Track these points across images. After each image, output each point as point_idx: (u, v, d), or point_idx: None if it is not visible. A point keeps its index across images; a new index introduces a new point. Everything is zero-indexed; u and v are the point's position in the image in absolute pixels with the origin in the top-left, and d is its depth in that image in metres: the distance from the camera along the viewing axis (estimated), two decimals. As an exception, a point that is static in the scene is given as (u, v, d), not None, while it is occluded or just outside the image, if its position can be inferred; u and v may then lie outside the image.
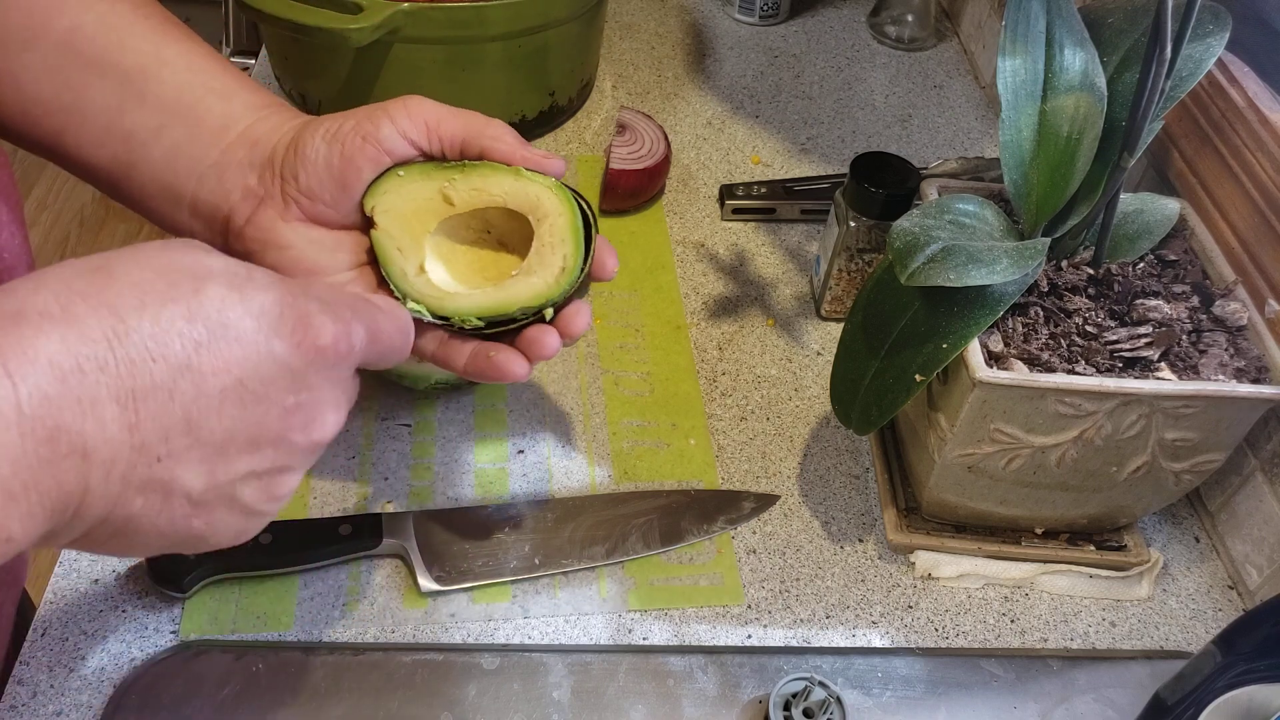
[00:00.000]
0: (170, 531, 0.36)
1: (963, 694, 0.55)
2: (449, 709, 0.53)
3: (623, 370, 0.70)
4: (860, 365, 0.55)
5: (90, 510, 0.33)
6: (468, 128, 0.50)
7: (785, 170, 0.88)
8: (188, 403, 0.34)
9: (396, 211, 0.50)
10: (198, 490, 0.36)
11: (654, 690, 0.54)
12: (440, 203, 0.50)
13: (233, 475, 0.36)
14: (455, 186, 0.50)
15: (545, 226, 0.50)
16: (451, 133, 0.50)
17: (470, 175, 0.50)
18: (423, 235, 0.50)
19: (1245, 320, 0.54)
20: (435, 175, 0.50)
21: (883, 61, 1.02)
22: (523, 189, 0.50)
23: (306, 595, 0.57)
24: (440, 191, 0.50)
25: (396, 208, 0.50)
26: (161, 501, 0.35)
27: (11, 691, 0.52)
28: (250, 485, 0.37)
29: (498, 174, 0.50)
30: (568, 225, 0.50)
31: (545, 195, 0.50)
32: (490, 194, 0.50)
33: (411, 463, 0.64)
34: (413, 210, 0.50)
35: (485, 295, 0.49)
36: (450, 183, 0.50)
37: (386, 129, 0.49)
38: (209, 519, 0.37)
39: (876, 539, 0.62)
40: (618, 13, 1.06)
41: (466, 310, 0.49)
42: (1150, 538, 0.63)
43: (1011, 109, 0.55)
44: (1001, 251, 0.50)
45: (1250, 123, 0.62)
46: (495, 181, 0.50)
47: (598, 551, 0.59)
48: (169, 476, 0.34)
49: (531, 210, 0.50)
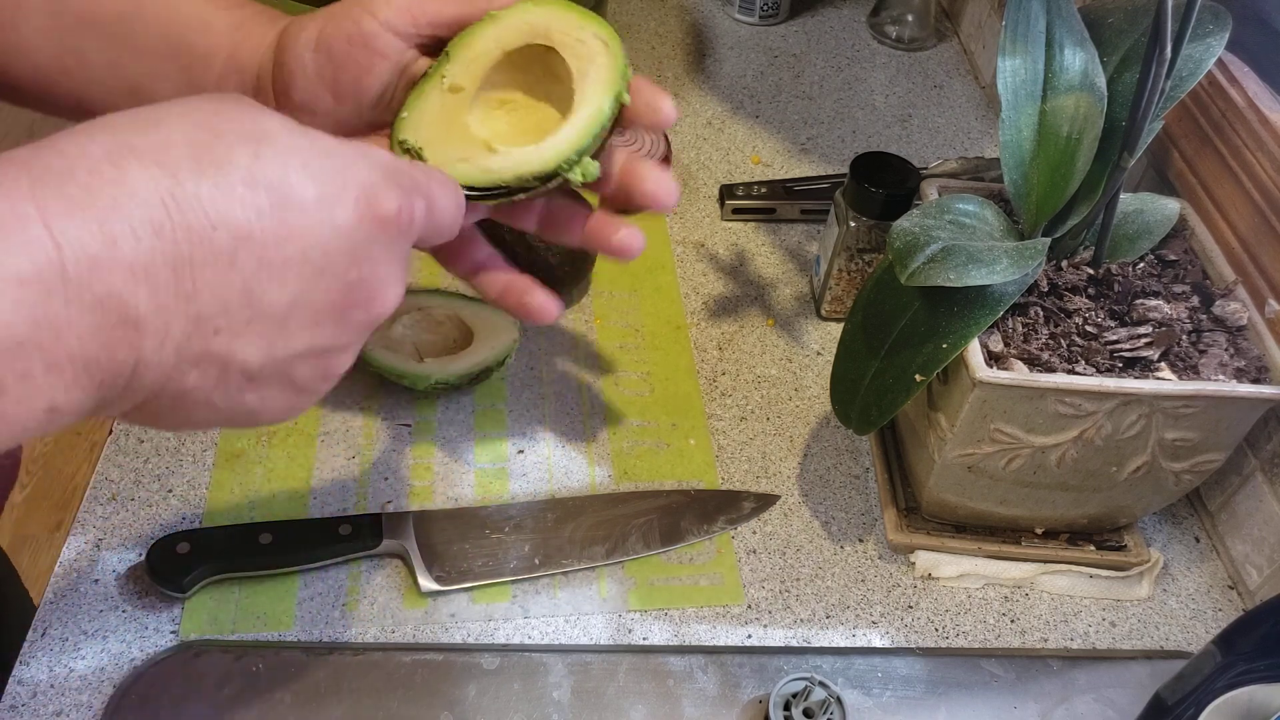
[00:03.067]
0: (223, 407, 0.35)
1: (963, 694, 0.55)
2: (449, 709, 0.53)
3: (623, 370, 0.70)
4: (860, 365, 0.55)
5: (141, 383, 0.32)
6: (459, 4, 0.46)
7: (785, 170, 0.88)
8: (248, 274, 0.32)
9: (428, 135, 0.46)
10: (255, 365, 0.34)
11: (654, 690, 0.54)
12: (453, 97, 0.46)
13: (291, 352, 0.35)
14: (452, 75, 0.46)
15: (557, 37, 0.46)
16: (437, 13, 0.46)
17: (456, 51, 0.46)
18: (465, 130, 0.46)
19: (1245, 320, 0.54)
20: (429, 84, 0.46)
21: (883, 61, 1.02)
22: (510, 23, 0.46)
23: (306, 595, 0.57)
24: (446, 88, 0.46)
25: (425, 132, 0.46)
26: (218, 376, 0.33)
27: (11, 691, 0.52)
28: (307, 363, 0.36)
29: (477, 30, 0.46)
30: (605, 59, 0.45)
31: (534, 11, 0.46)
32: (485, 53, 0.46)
33: (411, 463, 0.64)
34: (439, 121, 0.46)
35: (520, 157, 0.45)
36: (444, 77, 0.46)
37: (369, 25, 0.45)
38: (262, 394, 0.36)
39: (876, 539, 0.62)
40: (618, 13, 1.06)
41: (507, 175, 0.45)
42: (1150, 538, 0.63)
43: (1011, 109, 0.55)
44: (1001, 251, 0.50)
45: (1250, 123, 0.62)
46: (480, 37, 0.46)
47: (598, 551, 0.59)
48: (226, 350, 0.33)
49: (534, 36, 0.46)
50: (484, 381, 0.67)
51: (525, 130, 0.47)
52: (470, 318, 0.68)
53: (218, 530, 0.58)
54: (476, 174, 0.45)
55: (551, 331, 0.72)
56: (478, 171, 0.45)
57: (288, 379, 0.36)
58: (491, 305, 0.52)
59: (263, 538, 0.56)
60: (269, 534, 0.57)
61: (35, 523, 1.62)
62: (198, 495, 0.61)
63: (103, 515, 0.59)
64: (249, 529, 0.57)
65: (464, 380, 0.65)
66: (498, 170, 0.45)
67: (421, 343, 0.67)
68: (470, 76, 0.46)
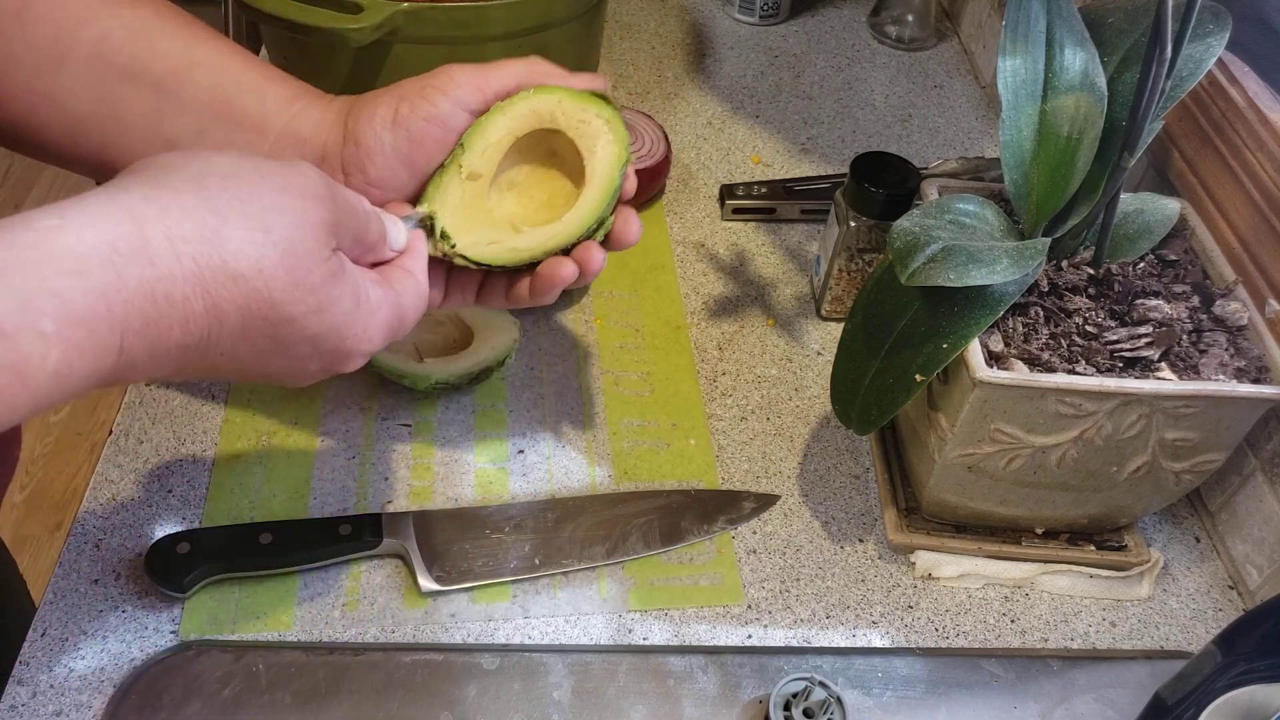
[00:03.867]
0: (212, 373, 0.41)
1: (963, 694, 0.55)
2: (449, 709, 0.53)
3: (623, 370, 0.70)
4: (860, 365, 0.55)
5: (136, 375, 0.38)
6: (518, 76, 0.51)
7: (785, 170, 0.88)
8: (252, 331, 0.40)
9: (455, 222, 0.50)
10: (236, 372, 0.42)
11: (654, 690, 0.54)
12: (473, 184, 0.50)
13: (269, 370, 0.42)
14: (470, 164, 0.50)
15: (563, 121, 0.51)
16: (501, 86, 0.51)
17: (471, 142, 0.50)
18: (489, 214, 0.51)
19: (1245, 320, 0.54)
20: (448, 174, 0.50)
21: (883, 61, 1.02)
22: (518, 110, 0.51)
23: (306, 595, 0.57)
24: (465, 177, 0.50)
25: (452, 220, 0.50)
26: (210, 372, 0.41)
27: (11, 691, 0.52)
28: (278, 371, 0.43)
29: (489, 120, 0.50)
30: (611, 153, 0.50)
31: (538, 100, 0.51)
32: (498, 141, 0.51)
33: (411, 463, 0.64)
34: (463, 207, 0.50)
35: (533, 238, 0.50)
36: (461, 167, 0.50)
37: (444, 105, 0.50)
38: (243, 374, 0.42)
39: (876, 539, 0.62)
40: (618, 13, 1.06)
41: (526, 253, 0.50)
42: (1150, 538, 0.63)
43: (1011, 109, 0.55)
44: (1001, 251, 0.50)
45: (1250, 123, 0.62)
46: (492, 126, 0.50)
47: (598, 551, 0.59)
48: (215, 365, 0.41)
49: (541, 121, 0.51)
50: (484, 381, 0.67)
51: (538, 205, 0.53)
52: (470, 318, 0.68)
53: (218, 530, 0.58)
54: (506, 255, 0.50)
55: (551, 331, 0.72)
56: (507, 252, 0.50)
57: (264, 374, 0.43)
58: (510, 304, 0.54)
59: (263, 538, 0.56)
60: (269, 534, 0.56)
61: (35, 523, 1.62)
62: (198, 495, 0.61)
63: (103, 515, 0.59)
64: (249, 529, 0.57)
65: (464, 380, 0.65)
66: (526, 248, 0.50)
67: (422, 343, 0.67)
68: (487, 164, 0.50)
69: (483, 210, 0.51)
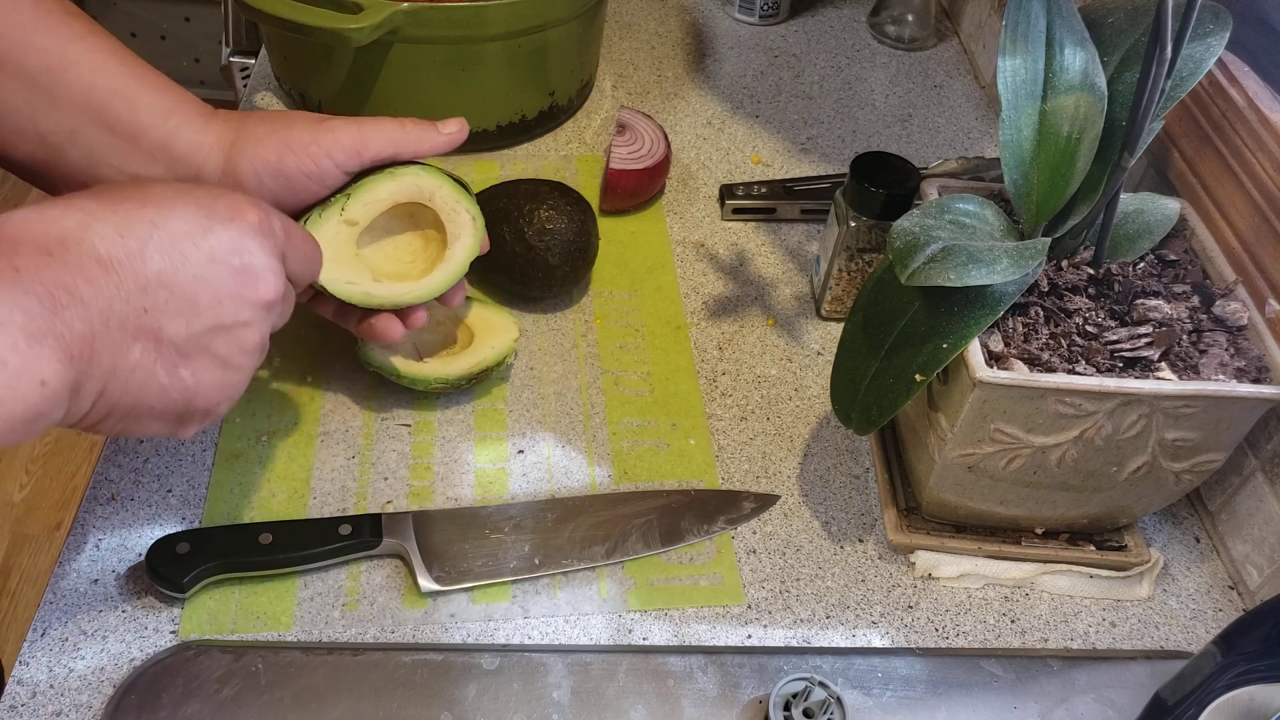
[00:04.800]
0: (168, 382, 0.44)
1: (963, 694, 0.55)
2: (449, 709, 0.53)
3: (623, 370, 0.70)
4: (860, 365, 0.55)
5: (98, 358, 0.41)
6: (394, 144, 0.58)
7: (785, 170, 0.88)
8: (157, 265, 0.43)
9: (325, 259, 0.56)
10: (183, 337, 0.44)
11: (654, 690, 0.54)
12: (348, 228, 0.59)
13: (206, 324, 0.45)
14: (350, 211, 0.58)
15: (438, 203, 0.60)
16: (377, 153, 0.58)
17: (358, 193, 0.58)
18: (354, 258, 0.59)
19: (1245, 320, 0.54)
20: (330, 211, 0.58)
21: (883, 61, 1.02)
22: (401, 185, 0.59)
23: (306, 595, 0.57)
24: (342, 220, 0.58)
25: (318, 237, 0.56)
26: (155, 347, 0.43)
27: (11, 691, 0.52)
28: (220, 337, 0.46)
29: (378, 181, 0.59)
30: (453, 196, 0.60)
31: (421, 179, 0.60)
32: (379, 200, 0.59)
33: (411, 463, 0.63)
34: (333, 248, 0.58)
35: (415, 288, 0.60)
36: (343, 211, 0.58)
37: (326, 165, 0.56)
38: (194, 368, 0.45)
39: (876, 539, 0.62)
40: (618, 13, 1.06)
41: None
42: (1150, 538, 0.63)
43: (1011, 109, 0.55)
44: (1001, 251, 0.50)
45: (1250, 123, 0.62)
46: (379, 187, 0.59)
47: (598, 551, 0.59)
48: (156, 324, 0.43)
49: (418, 196, 0.60)
50: (484, 381, 0.67)
51: (394, 259, 0.62)
52: (471, 319, 0.68)
53: (218, 530, 0.58)
54: (359, 296, 0.58)
55: (551, 331, 0.72)
56: (360, 294, 0.58)
57: (210, 352, 0.46)
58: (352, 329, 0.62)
59: (263, 538, 0.56)
60: (269, 534, 0.56)
61: (35, 523, 1.62)
62: (198, 495, 0.61)
63: (103, 515, 0.59)
64: (249, 529, 0.57)
65: (464, 381, 0.65)
66: (379, 297, 0.59)
67: (421, 343, 0.67)
68: (365, 215, 0.59)
69: (349, 252, 0.59)
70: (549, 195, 0.71)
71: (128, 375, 0.43)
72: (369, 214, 0.59)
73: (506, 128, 0.85)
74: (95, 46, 0.53)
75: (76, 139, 0.53)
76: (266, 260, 0.47)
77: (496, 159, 0.86)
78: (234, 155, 0.55)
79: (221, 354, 0.46)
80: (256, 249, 0.47)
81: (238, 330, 0.46)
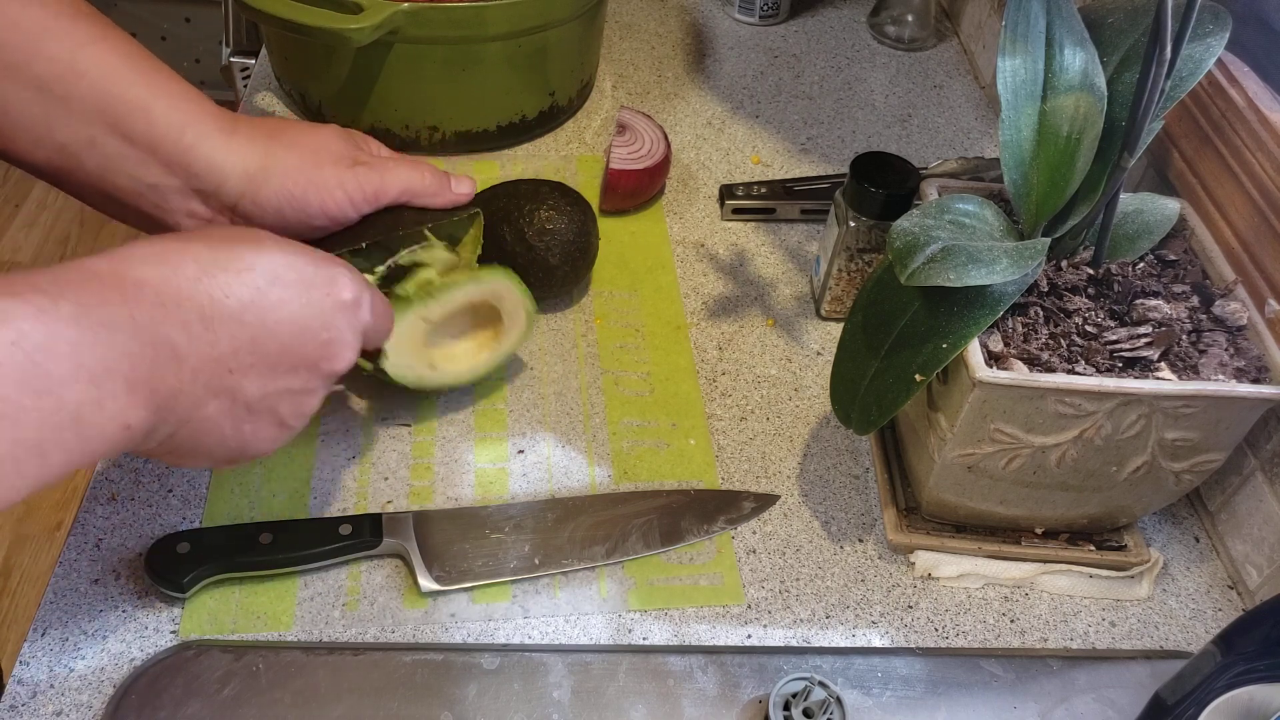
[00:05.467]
0: (229, 434, 0.47)
1: (963, 694, 0.55)
2: (449, 709, 0.53)
3: (623, 370, 0.70)
4: (860, 365, 0.55)
5: (178, 408, 0.43)
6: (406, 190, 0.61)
7: (785, 170, 0.88)
8: (253, 329, 0.45)
9: (395, 346, 0.60)
10: (255, 397, 0.47)
11: (654, 690, 0.54)
12: (423, 324, 0.62)
13: (278, 388, 0.47)
14: (430, 310, 0.62)
15: (505, 303, 0.64)
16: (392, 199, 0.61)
17: (441, 295, 0.62)
18: (421, 349, 0.62)
19: (1245, 320, 0.54)
20: (411, 308, 0.61)
21: (883, 61, 1.02)
22: (479, 288, 0.63)
23: (306, 595, 0.57)
24: (419, 317, 0.61)
25: (395, 344, 0.60)
26: (229, 405, 0.46)
27: (11, 691, 0.52)
28: (286, 400, 0.48)
29: (462, 285, 0.62)
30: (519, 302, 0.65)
31: (496, 283, 0.64)
32: (459, 302, 0.62)
33: (411, 463, 0.64)
34: (406, 337, 0.61)
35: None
36: (425, 309, 0.61)
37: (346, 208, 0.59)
38: (255, 425, 0.48)
39: (876, 539, 0.62)
40: (618, 13, 1.06)
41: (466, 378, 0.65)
42: (1150, 538, 0.63)
43: (1011, 109, 0.55)
44: (1001, 251, 0.50)
45: (1250, 123, 0.62)
46: (463, 291, 0.63)
47: (598, 551, 0.59)
48: (236, 385, 0.45)
49: (491, 297, 0.64)
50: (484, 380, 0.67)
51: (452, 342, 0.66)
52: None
53: (218, 530, 0.58)
54: (413, 380, 0.62)
55: (552, 331, 0.72)
56: (414, 378, 0.62)
57: (274, 413, 0.48)
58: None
59: (263, 538, 0.56)
60: (269, 534, 0.57)
61: (35, 523, 1.62)
62: (198, 495, 0.61)
63: (103, 515, 0.59)
64: (249, 529, 0.57)
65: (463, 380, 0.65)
66: (431, 381, 0.63)
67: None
68: (440, 314, 0.62)
69: (417, 344, 0.62)
70: (549, 195, 0.71)
71: (198, 425, 0.45)
72: (443, 312, 0.62)
73: (506, 128, 0.85)
74: (107, 51, 0.52)
75: (94, 147, 0.53)
76: (351, 338, 0.50)
77: (496, 159, 0.86)
78: (259, 181, 0.57)
79: (283, 414, 0.49)
80: (345, 326, 0.50)
81: (304, 396, 0.49)
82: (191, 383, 0.43)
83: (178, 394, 0.43)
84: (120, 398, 0.39)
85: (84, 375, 0.38)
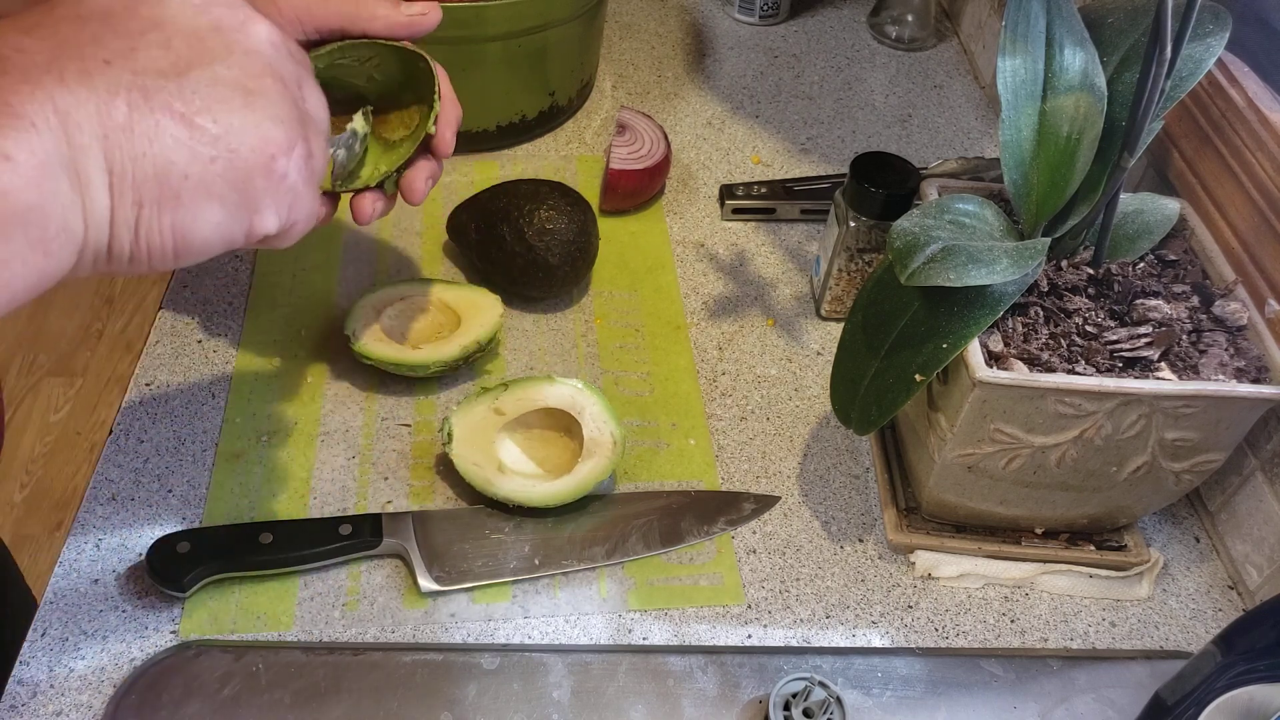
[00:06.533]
0: (189, 139, 0.36)
1: (963, 694, 0.55)
2: (449, 709, 0.53)
3: (623, 370, 0.70)
4: (860, 365, 0.55)
5: (80, 126, 0.34)
6: (342, 16, 0.53)
7: (785, 170, 0.88)
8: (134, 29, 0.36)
9: (463, 431, 0.60)
10: (166, 72, 0.36)
11: (654, 690, 0.54)
12: (496, 416, 0.61)
13: (188, 51, 0.37)
14: (502, 402, 0.62)
15: (586, 419, 0.61)
16: (323, 21, 0.52)
17: (515, 387, 0.62)
18: (490, 444, 0.61)
19: (1245, 320, 0.54)
20: (484, 398, 0.62)
21: (883, 61, 1.02)
22: (557, 392, 0.62)
23: (306, 595, 0.57)
24: (492, 408, 0.61)
25: (463, 429, 0.61)
26: (143, 98, 0.36)
27: (11, 691, 0.52)
28: (221, 63, 0.38)
29: (538, 383, 0.62)
30: (604, 414, 0.62)
31: (577, 394, 0.62)
32: (532, 400, 0.62)
33: (411, 462, 0.64)
34: (477, 427, 0.61)
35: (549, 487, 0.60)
36: (496, 400, 0.62)
37: None
38: (210, 110, 0.37)
39: (876, 539, 0.62)
40: (618, 13, 1.06)
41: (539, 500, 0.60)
42: (1150, 538, 0.63)
43: (1011, 109, 0.55)
44: (1001, 251, 0.50)
45: (1250, 123, 0.62)
46: (534, 390, 0.62)
47: (598, 552, 0.59)
48: (130, 68, 0.36)
49: (569, 407, 0.62)
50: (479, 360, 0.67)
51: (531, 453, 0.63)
52: (453, 301, 0.68)
53: (218, 530, 0.58)
54: (480, 481, 0.59)
55: (551, 331, 0.72)
56: (481, 479, 0.59)
57: (217, 83, 0.37)
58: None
59: (263, 537, 0.56)
60: (269, 534, 0.57)
61: (35, 523, 1.62)
62: (198, 495, 0.61)
63: (103, 515, 0.59)
64: (249, 529, 0.57)
65: (459, 361, 0.65)
66: (496, 487, 0.59)
67: (411, 331, 0.67)
68: (514, 409, 0.62)
69: (488, 438, 0.61)
70: (549, 195, 0.71)
71: (123, 137, 0.35)
72: (519, 409, 0.62)
73: (506, 128, 0.85)
74: None
75: None
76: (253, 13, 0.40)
77: (496, 159, 0.86)
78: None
79: (231, 79, 0.38)
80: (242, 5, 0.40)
81: (237, 53, 0.38)
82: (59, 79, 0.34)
83: (67, 111, 0.34)
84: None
85: None
